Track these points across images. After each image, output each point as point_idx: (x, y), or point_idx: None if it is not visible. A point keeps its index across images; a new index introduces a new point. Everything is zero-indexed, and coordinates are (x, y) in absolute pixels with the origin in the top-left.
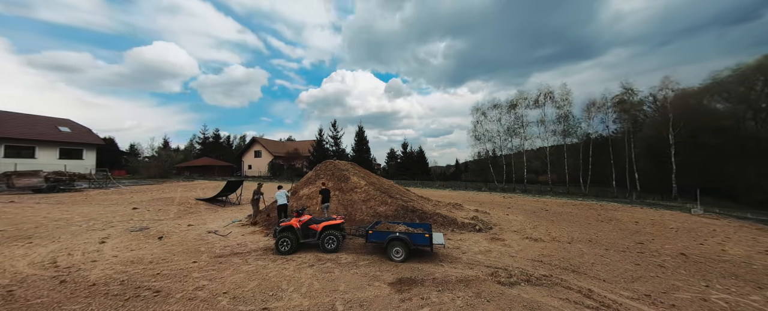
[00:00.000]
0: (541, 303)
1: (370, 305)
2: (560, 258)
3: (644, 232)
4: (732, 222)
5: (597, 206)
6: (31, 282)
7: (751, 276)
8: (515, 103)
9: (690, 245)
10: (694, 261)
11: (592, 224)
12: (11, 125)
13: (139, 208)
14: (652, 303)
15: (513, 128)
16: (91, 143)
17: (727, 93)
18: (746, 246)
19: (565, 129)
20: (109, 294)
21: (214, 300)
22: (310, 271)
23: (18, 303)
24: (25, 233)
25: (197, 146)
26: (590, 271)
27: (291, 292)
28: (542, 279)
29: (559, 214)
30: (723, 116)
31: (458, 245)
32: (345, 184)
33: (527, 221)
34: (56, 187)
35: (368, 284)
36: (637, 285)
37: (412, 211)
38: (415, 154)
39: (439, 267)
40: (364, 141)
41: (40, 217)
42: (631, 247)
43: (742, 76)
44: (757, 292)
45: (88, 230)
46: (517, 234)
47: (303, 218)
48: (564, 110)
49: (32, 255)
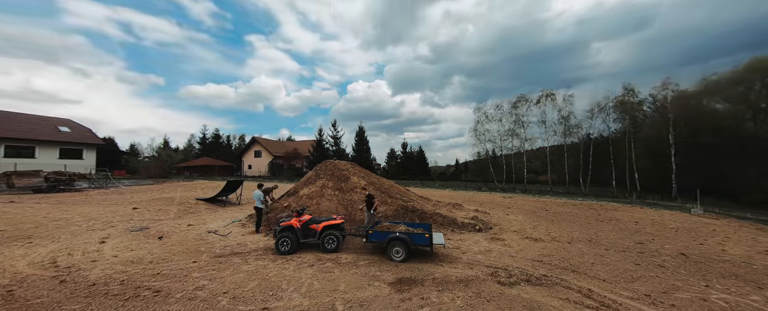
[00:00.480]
0: (541, 303)
1: (370, 305)
2: (560, 257)
3: (644, 232)
4: (732, 222)
5: (597, 206)
6: (31, 282)
7: (751, 276)
8: (517, 103)
9: (690, 245)
10: (694, 261)
11: (592, 224)
12: (11, 125)
13: (139, 208)
14: (652, 303)
15: (514, 129)
16: (91, 143)
17: (726, 93)
18: (746, 246)
19: (565, 129)
20: (109, 294)
21: (214, 300)
22: (310, 271)
23: (18, 303)
24: (25, 233)
25: (197, 146)
26: (590, 271)
27: (291, 292)
28: (542, 278)
29: (559, 214)
30: (722, 116)
31: (458, 245)
32: (345, 184)
33: (527, 221)
34: (56, 187)
35: (368, 284)
36: (637, 285)
37: (412, 211)
38: (415, 154)
39: (439, 267)
40: (364, 141)
41: (40, 217)
42: (631, 247)
43: (741, 77)
44: (757, 292)
45: (88, 230)
46: (517, 234)
47: (303, 218)
48: (565, 111)
49: (32, 254)
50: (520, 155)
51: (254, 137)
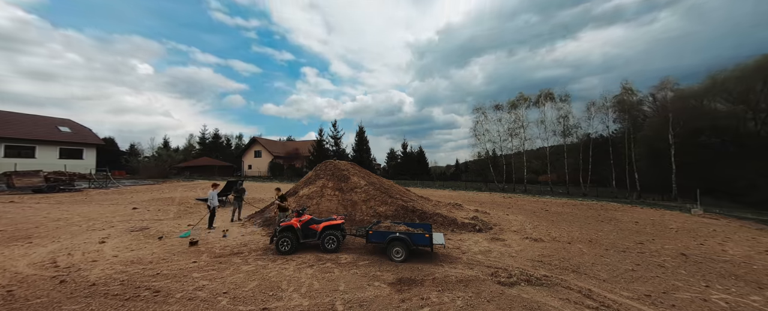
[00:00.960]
0: (541, 303)
1: (370, 305)
2: (560, 258)
3: (644, 232)
4: (732, 222)
5: (597, 206)
6: (31, 282)
7: (751, 276)
8: (516, 103)
9: (690, 245)
10: (694, 261)
11: (592, 224)
12: (12, 125)
13: (139, 208)
14: (652, 303)
15: (513, 129)
16: (91, 143)
17: (726, 93)
18: (746, 246)
19: (564, 129)
20: (109, 294)
21: (214, 300)
22: (310, 271)
23: (18, 303)
24: (25, 233)
25: (197, 146)
26: (590, 271)
27: (291, 292)
28: (542, 279)
29: (559, 214)
30: (723, 116)
31: (458, 245)
32: (345, 184)
33: (527, 221)
34: (56, 187)
35: (368, 284)
36: (637, 285)
37: (412, 211)
38: (415, 154)
39: (439, 267)
40: (365, 141)
41: (39, 217)
42: (631, 247)
43: (742, 77)
44: (757, 292)
45: (87, 230)
46: (517, 234)
47: (303, 218)
48: (563, 111)
49: (32, 254)
50: (520, 155)
51: (254, 137)
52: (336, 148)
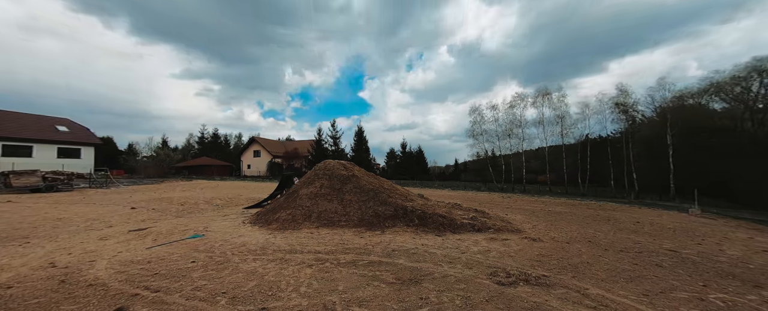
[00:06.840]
0: (540, 302)
1: (369, 304)
2: (559, 257)
3: (642, 232)
4: (730, 222)
5: (595, 206)
6: (29, 282)
7: (749, 276)
8: (513, 104)
9: (688, 244)
10: (691, 261)
11: (590, 224)
12: (9, 124)
13: (138, 208)
14: (650, 302)
15: (511, 129)
16: (90, 143)
17: (724, 94)
18: (744, 245)
19: (562, 129)
20: (108, 293)
21: (212, 300)
22: (309, 271)
23: (15, 303)
24: (23, 232)
25: (196, 145)
26: (589, 271)
27: (290, 292)
28: (541, 278)
29: (558, 214)
30: (720, 117)
31: (457, 245)
32: (344, 184)
33: (526, 221)
34: (54, 186)
35: (367, 283)
36: (635, 284)
37: (412, 211)
38: (414, 154)
39: (438, 267)
40: (364, 141)
41: (37, 217)
42: (629, 247)
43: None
44: (754, 291)
45: (86, 230)
46: (516, 234)
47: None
48: (560, 111)
49: (30, 254)
50: (518, 156)
51: (253, 137)
52: (335, 148)
